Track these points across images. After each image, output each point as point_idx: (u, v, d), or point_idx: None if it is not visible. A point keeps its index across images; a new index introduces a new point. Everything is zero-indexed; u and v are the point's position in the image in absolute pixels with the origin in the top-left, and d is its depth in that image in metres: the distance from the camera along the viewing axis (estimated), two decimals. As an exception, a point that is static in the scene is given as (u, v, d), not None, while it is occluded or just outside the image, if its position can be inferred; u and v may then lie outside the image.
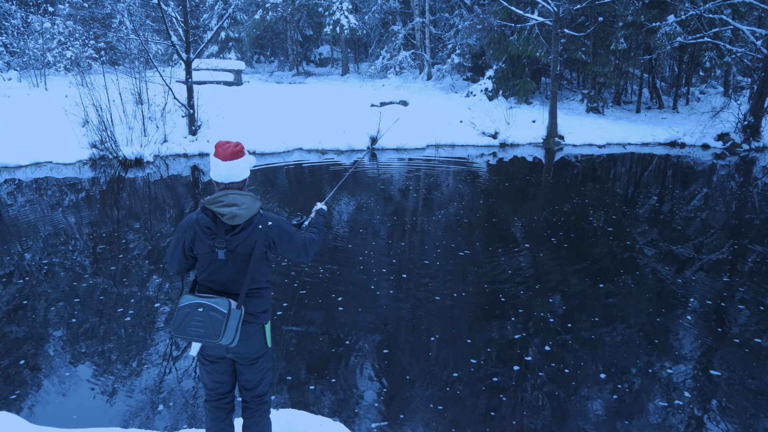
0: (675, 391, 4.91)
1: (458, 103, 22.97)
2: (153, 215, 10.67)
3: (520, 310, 6.47)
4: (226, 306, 2.84)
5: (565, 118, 21.43)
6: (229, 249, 2.92)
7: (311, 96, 21.86)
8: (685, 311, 6.58)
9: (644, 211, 11.32)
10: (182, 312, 2.88)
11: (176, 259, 3.02)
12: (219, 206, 2.88)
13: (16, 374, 5.04)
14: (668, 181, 15.09)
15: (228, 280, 2.97)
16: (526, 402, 4.73)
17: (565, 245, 8.96)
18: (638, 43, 23.40)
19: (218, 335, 2.81)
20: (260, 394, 3.21)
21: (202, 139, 16.46)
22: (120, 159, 14.75)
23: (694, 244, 9.31)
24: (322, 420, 3.92)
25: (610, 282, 7.41)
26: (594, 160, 17.83)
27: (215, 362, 3.10)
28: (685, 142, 21.00)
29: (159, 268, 7.76)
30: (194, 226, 2.94)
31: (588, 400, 4.79)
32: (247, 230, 2.94)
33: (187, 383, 4.92)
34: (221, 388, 3.18)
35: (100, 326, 6.00)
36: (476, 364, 5.27)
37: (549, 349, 5.61)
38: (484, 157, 17.73)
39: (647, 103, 26.71)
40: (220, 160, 2.92)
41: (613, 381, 5.05)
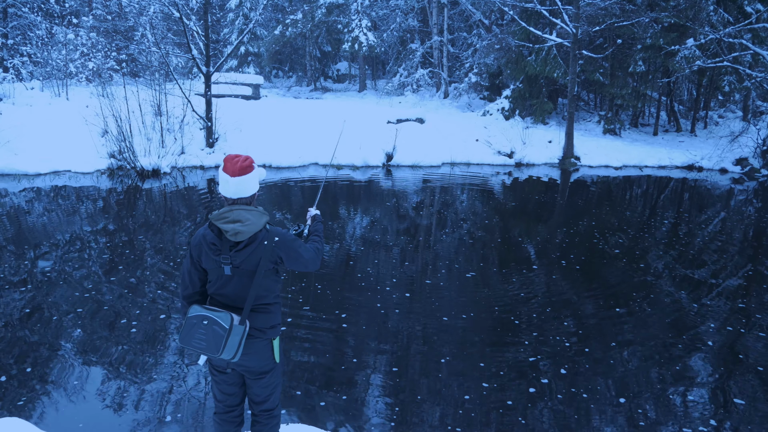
0: (698, 420, 4.80)
1: (474, 122, 22.98)
2: (168, 226, 10.72)
3: (533, 333, 6.39)
4: (228, 321, 2.84)
5: (581, 139, 21.34)
6: (234, 265, 2.92)
7: (328, 111, 21.97)
8: (703, 337, 6.46)
9: (660, 235, 11.19)
10: (189, 323, 2.89)
11: (192, 273, 3.03)
12: (223, 222, 2.89)
13: (25, 380, 5.04)
14: (685, 205, 14.93)
15: (234, 294, 2.97)
16: (541, 426, 4.65)
17: (577, 267, 8.87)
18: (656, 66, 23.33)
19: (218, 350, 2.81)
20: (269, 408, 3.19)
21: (219, 151, 16.59)
22: (137, 169, 14.89)
23: (710, 268, 9.17)
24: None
25: (625, 306, 7.30)
26: (610, 182, 17.71)
27: (223, 373, 3.10)
28: (703, 166, 20.78)
29: (171, 278, 7.78)
30: (201, 242, 2.96)
31: (608, 425, 4.69)
32: (251, 246, 2.92)
33: (196, 395, 4.89)
34: (229, 401, 3.17)
35: (111, 335, 6.01)
36: (488, 387, 5.20)
37: (565, 372, 5.52)
38: (499, 176, 17.68)
39: (665, 126, 26.55)
40: (228, 176, 2.92)
41: (631, 406, 4.95)
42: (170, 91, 17.38)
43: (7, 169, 14.53)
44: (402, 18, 32.17)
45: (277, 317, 3.10)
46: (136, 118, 16.13)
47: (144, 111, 16.72)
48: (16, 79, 25.22)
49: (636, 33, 21.43)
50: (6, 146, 15.35)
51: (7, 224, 10.32)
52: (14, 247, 8.87)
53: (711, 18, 21.47)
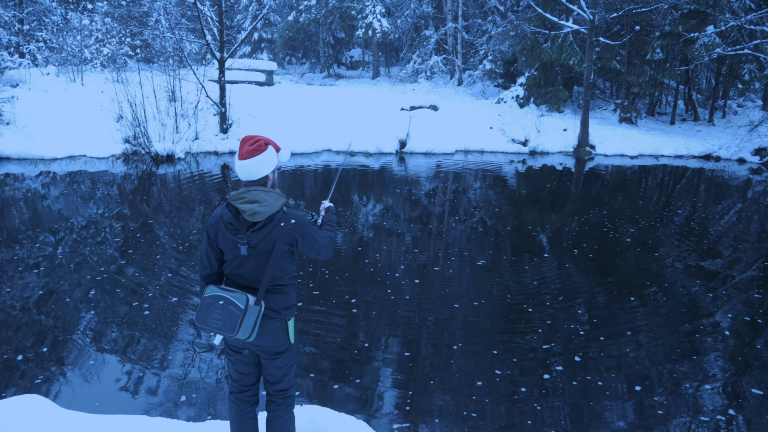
0: (715, 410, 4.76)
1: (488, 110, 22.82)
2: (182, 211, 10.78)
3: (547, 321, 6.36)
4: (244, 302, 2.85)
5: (596, 128, 21.13)
6: (250, 245, 2.92)
7: (342, 98, 21.92)
8: (720, 326, 6.40)
9: (674, 225, 11.07)
10: (205, 303, 2.90)
11: (209, 253, 3.03)
12: (241, 202, 2.89)
13: (41, 361, 5.11)
14: (701, 195, 14.76)
15: (249, 275, 2.98)
16: (556, 413, 4.63)
17: (590, 255, 8.81)
18: (675, 54, 22.99)
19: (234, 329, 2.83)
20: (284, 388, 3.20)
21: (233, 137, 16.62)
22: (152, 154, 14.97)
23: (726, 259, 9.07)
24: (346, 417, 3.90)
25: (638, 295, 7.25)
26: (625, 171, 17.54)
27: (238, 353, 3.12)
28: (721, 156, 20.51)
29: (184, 263, 7.83)
30: (218, 222, 2.96)
31: (624, 413, 4.67)
32: (268, 227, 2.93)
33: (210, 375, 4.93)
34: (245, 380, 3.18)
35: (126, 317, 6.06)
36: (501, 375, 5.18)
37: (579, 359, 5.49)
38: (513, 165, 17.57)
39: (682, 115, 26.21)
40: (239, 159, 2.94)
41: (647, 395, 4.92)
42: (184, 77, 17.41)
43: (24, 153, 14.66)
44: (416, 4, 31.92)
45: (292, 298, 3.11)
46: (151, 103, 16.18)
47: (158, 96, 16.77)
48: (32, 64, 25.38)
49: (654, 20, 21.11)
50: (23, 131, 15.48)
51: (24, 208, 10.43)
52: (31, 230, 8.96)
53: (732, 4, 21.06)
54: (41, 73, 23.56)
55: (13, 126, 15.64)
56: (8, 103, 15.69)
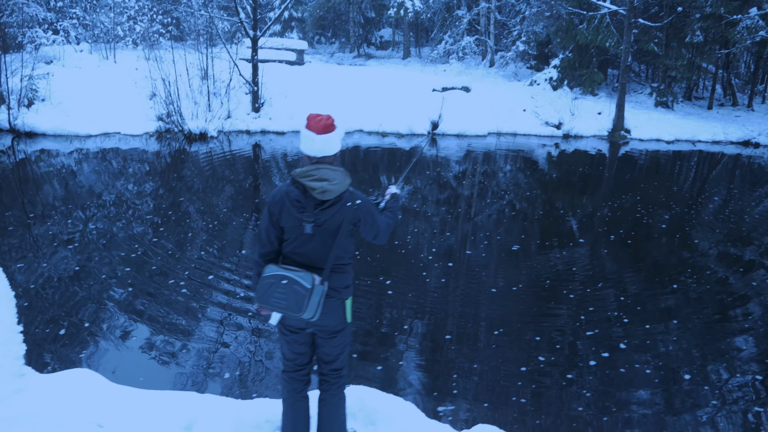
0: (754, 400, 4.64)
1: (521, 92, 22.44)
2: (215, 189, 10.82)
3: (589, 308, 6.24)
4: (310, 281, 2.80)
5: (632, 112, 20.65)
6: (316, 224, 2.87)
7: (372, 78, 21.75)
8: (754, 315, 6.23)
9: (710, 212, 10.81)
10: (266, 282, 2.86)
11: (270, 231, 2.96)
12: (310, 180, 2.83)
13: (83, 334, 5.16)
14: (738, 182, 14.39)
15: (313, 254, 2.93)
16: (604, 399, 4.55)
17: (629, 241, 8.63)
18: (715, 37, 22.30)
19: (300, 309, 2.79)
20: (338, 367, 3.18)
21: (265, 116, 16.61)
22: (185, 132, 15.03)
23: (761, 247, 8.83)
24: (395, 399, 3.87)
25: (679, 282, 7.08)
26: (661, 156, 17.16)
27: (295, 333, 3.08)
28: (760, 142, 19.92)
29: (217, 238, 7.85)
30: (283, 199, 2.89)
31: (674, 400, 4.57)
32: (336, 206, 2.88)
33: (251, 353, 4.94)
34: (300, 360, 3.16)
35: (159, 294, 6.09)
36: (545, 361, 5.10)
37: (624, 347, 5.39)
38: (546, 148, 17.30)
39: (720, 100, 25.50)
40: (314, 134, 2.85)
41: (697, 381, 4.81)
42: (217, 55, 17.40)
43: (59, 130, 14.83)
44: (448, -17, 31.43)
45: (351, 277, 3.07)
46: (183, 81, 16.23)
47: (191, 75, 16.80)
48: (66, 41, 25.62)
49: (695, 1, 20.46)
50: (58, 107, 15.66)
51: (59, 185, 10.57)
52: (65, 206, 9.06)
53: (778, -14, 20.32)
54: (74, 51, 23.80)
55: (48, 102, 15.82)
56: (43, 80, 15.86)
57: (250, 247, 7.70)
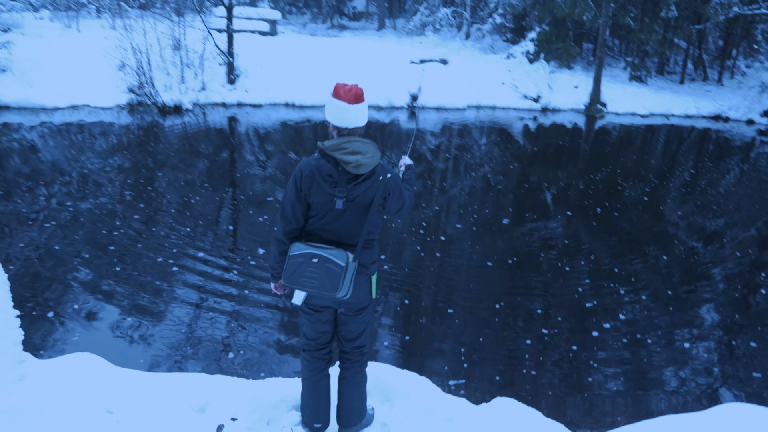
0: (706, 363, 4.70)
1: (498, 65, 22.30)
2: (190, 164, 10.49)
3: (585, 280, 6.25)
4: (344, 259, 2.68)
5: (607, 86, 20.73)
6: (348, 199, 2.72)
7: (348, 50, 21.32)
8: (719, 285, 6.33)
9: (680, 185, 10.99)
10: (294, 261, 2.71)
11: (296, 207, 2.78)
12: (343, 153, 2.67)
13: (74, 318, 4.94)
14: (708, 155, 14.66)
15: (343, 230, 2.79)
16: (613, 370, 4.55)
17: (615, 215, 8.68)
18: (688, 12, 22.45)
19: (336, 288, 2.67)
20: (361, 345, 3.09)
21: (241, 88, 16.16)
22: (158, 105, 14.53)
23: (727, 219, 8.98)
24: (410, 375, 3.78)
25: (673, 254, 7.15)
26: (636, 130, 17.33)
27: (319, 311, 2.95)
28: (730, 117, 20.28)
29: (191, 216, 7.60)
30: (314, 173, 2.72)
31: (680, 368, 4.60)
32: (369, 180, 2.74)
33: (253, 333, 4.80)
34: (322, 338, 3.05)
35: (154, 273, 5.88)
36: (549, 333, 5.09)
37: (624, 317, 5.40)
38: (524, 121, 17.28)
39: (691, 75, 25.82)
40: (346, 104, 2.70)
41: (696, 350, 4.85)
42: (189, 24, 16.77)
43: (24, 102, 14.16)
44: (423, -47, 30.91)
45: (377, 253, 2.95)
46: (155, 52, 15.62)
47: (162, 45, 16.18)
48: (28, 7, 24.43)
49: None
50: (21, 78, 14.93)
51: (26, 159, 10.11)
52: (31, 183, 8.66)
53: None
54: (34, 17, 22.68)
55: (11, 73, 15.07)
56: (4, 49, 15.06)
57: (227, 224, 7.51)
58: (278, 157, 11.42)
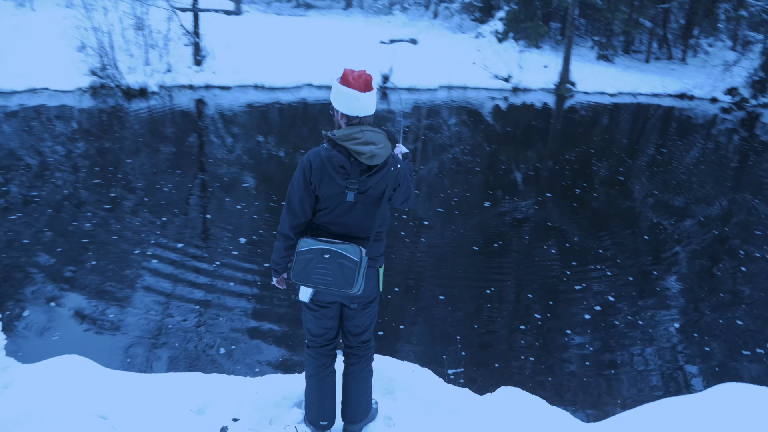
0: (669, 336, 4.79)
1: (467, 44, 22.17)
2: (158, 148, 10.16)
3: (573, 263, 6.26)
4: (358, 254, 2.57)
5: (576, 65, 20.82)
6: (360, 191, 2.60)
7: (317, 30, 20.91)
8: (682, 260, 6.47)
9: (647, 162, 11.21)
10: (304, 258, 2.59)
11: (305, 201, 2.64)
12: (356, 144, 2.54)
13: (51, 314, 4.72)
14: (674, 133, 14.95)
15: (353, 223, 2.67)
16: (610, 353, 4.56)
17: (594, 194, 8.74)
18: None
19: (351, 284, 2.56)
20: (367, 339, 3.02)
21: (208, 70, 15.68)
22: (123, 88, 14.01)
23: (691, 195, 9.19)
24: (411, 366, 3.71)
25: (653, 233, 7.23)
26: (605, 109, 17.50)
27: (326, 307, 2.84)
28: (695, 95, 20.66)
29: (156, 205, 7.33)
30: (325, 164, 2.58)
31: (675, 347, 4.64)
32: (382, 171, 2.62)
33: (242, 327, 4.66)
34: (328, 334, 2.95)
35: (106, 266, 5.62)
36: (542, 318, 5.08)
37: (613, 299, 5.43)
38: (495, 101, 17.27)
39: (656, 54, 26.15)
40: (357, 92, 2.56)
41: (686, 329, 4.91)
42: (152, 2, 16.14)
43: (-23, 85, 13.49)
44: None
45: (385, 245, 2.84)
46: (116, 32, 15.02)
47: (124, 25, 15.56)
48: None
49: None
50: (-26, 60, 14.21)
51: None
52: (8, 168, 8.27)
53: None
54: (-17, -3, 21.60)
55: (-38, 55, 14.33)
56: (-46, 29, 14.30)
57: (197, 211, 7.30)
58: (247, 140, 11.13)
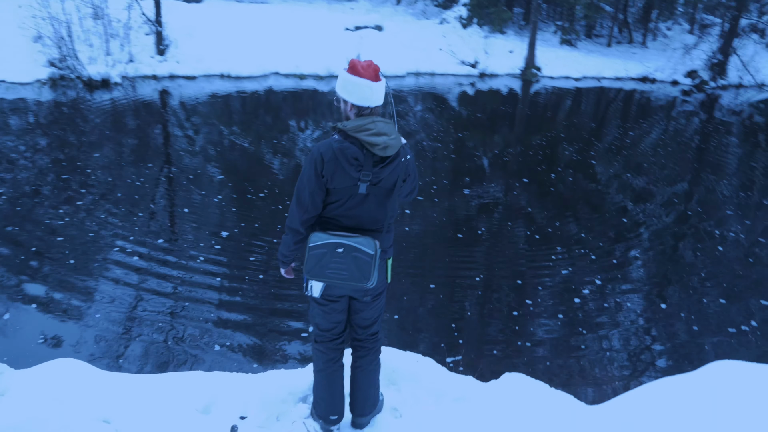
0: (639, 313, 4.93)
1: (433, 30, 22.14)
2: (122, 140, 9.87)
3: (557, 248, 6.33)
4: (373, 247, 2.54)
5: (540, 50, 21.01)
6: (372, 182, 2.55)
7: (280, 17, 20.55)
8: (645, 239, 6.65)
9: (611, 145, 11.44)
10: (317, 253, 2.54)
11: (316, 194, 2.57)
12: (368, 135, 2.49)
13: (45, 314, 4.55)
14: (636, 116, 15.30)
15: (365, 215, 2.63)
16: (603, 336, 4.63)
17: (570, 179, 8.86)
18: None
19: (367, 278, 2.53)
20: (376, 331, 3.00)
21: (172, 59, 15.28)
22: (84, 79, 13.54)
23: (655, 175, 9.41)
24: (414, 356, 3.70)
25: (632, 217, 7.36)
26: (570, 93, 17.74)
27: (335, 301, 2.81)
28: (656, 78, 21.11)
29: (120, 198, 7.17)
30: (337, 156, 2.51)
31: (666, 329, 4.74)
32: (395, 162, 2.59)
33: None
34: (337, 328, 2.91)
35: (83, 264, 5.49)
36: (533, 303, 5.12)
37: (600, 282, 5.51)
38: (463, 87, 17.31)
39: (617, 38, 26.57)
40: (369, 81, 2.51)
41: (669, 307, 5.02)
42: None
43: (-72, 78, 12.88)
44: None
45: (393, 236, 2.82)
46: (74, 21, 14.50)
47: (82, 14, 15.02)
48: None
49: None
50: (-77, 52, 13.55)
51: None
52: None
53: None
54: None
55: None
56: None
57: (162, 204, 7.12)
58: (211, 131, 10.87)
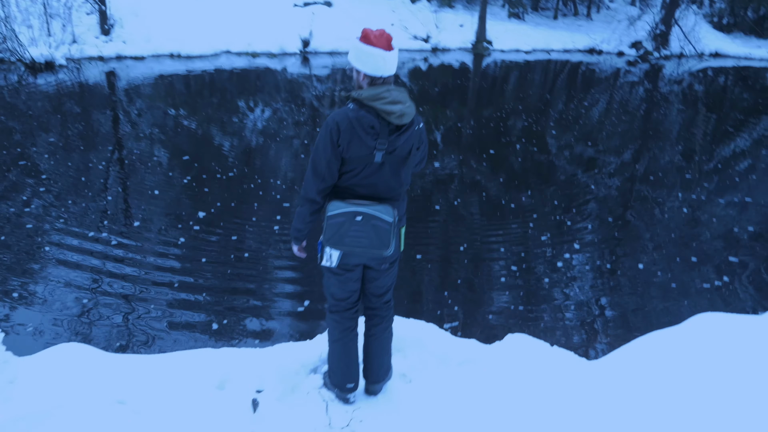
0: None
1: (382, 6, 21.99)
2: (67, 125, 9.50)
3: (533, 215, 6.48)
4: (392, 214, 2.56)
5: (489, 23, 21.19)
6: (388, 151, 2.57)
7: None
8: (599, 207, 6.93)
9: (560, 117, 11.74)
10: (336, 221, 2.55)
11: (332, 164, 2.56)
12: (384, 103, 2.49)
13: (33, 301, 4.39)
14: (583, 87, 15.75)
15: (381, 184, 2.64)
16: (590, 295, 4.80)
17: (540, 153, 9.06)
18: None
19: (387, 245, 2.56)
20: (389, 299, 3.03)
21: (118, 40, 14.68)
22: (26, 62, 12.89)
23: (605, 146, 9.74)
24: (418, 323, 3.76)
25: (595, 179, 7.60)
26: (520, 66, 18.01)
27: (351, 270, 2.82)
28: (603, 50, 21.64)
29: (66, 186, 6.94)
30: (353, 125, 2.51)
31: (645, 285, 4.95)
32: (410, 130, 2.61)
33: (232, 295, 4.52)
34: (352, 297, 2.93)
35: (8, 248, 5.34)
36: (518, 269, 5.25)
37: (578, 246, 5.70)
38: (416, 62, 17.33)
39: (563, 10, 27.03)
40: (383, 50, 2.49)
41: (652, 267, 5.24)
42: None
43: None
44: None
45: (406, 204, 2.86)
46: (10, 1, 13.75)
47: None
48: None
49: None
50: None
51: None
52: None
53: None
54: None
55: None
56: None
57: (112, 190, 6.94)
58: (156, 113, 10.53)
